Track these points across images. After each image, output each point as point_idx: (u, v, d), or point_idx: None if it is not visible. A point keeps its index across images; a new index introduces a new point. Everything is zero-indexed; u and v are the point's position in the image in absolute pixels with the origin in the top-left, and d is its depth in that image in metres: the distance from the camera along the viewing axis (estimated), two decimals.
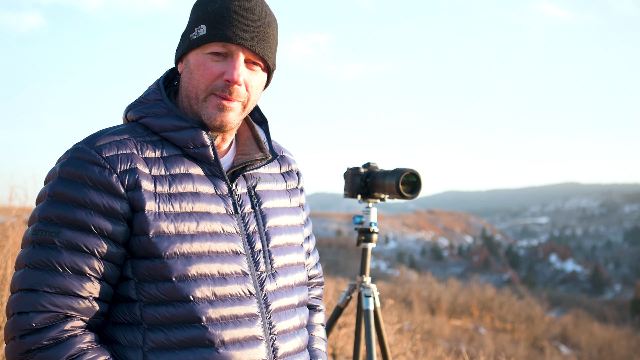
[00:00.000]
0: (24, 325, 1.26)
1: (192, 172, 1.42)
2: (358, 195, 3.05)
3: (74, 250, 1.30)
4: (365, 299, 3.04)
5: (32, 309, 1.27)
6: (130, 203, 1.33)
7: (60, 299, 1.28)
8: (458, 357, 8.13)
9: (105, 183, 1.32)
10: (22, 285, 1.29)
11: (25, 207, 4.98)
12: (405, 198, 2.76)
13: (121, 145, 1.36)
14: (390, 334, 5.28)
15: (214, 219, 1.40)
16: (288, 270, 1.53)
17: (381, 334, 3.08)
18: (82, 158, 1.33)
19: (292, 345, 1.50)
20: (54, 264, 1.28)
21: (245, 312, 1.40)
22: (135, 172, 1.34)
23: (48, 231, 1.30)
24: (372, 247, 3.11)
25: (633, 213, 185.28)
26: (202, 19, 1.42)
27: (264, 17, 1.44)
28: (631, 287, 62.61)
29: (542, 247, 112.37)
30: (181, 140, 1.42)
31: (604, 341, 15.51)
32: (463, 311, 16.51)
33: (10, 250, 4.56)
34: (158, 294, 1.33)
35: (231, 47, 1.40)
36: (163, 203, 1.35)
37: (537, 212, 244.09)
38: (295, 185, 1.67)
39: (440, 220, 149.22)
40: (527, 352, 12.81)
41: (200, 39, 1.41)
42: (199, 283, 1.35)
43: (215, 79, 1.41)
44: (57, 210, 1.30)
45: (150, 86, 1.51)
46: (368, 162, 3.07)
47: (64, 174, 1.32)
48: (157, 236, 1.33)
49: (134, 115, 1.45)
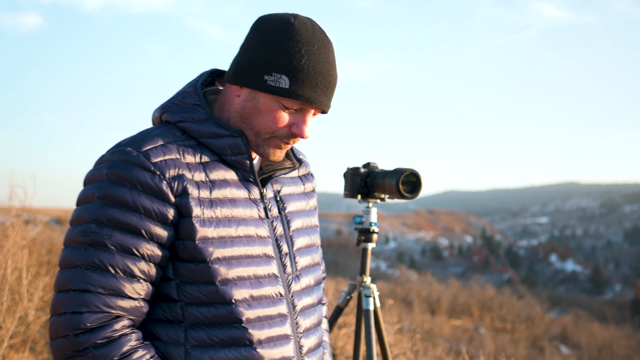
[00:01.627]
0: (79, 325, 1.31)
1: (228, 177, 1.46)
2: (358, 195, 3.04)
3: (126, 253, 1.34)
4: (365, 298, 3.03)
5: (87, 309, 1.31)
6: (178, 209, 1.37)
7: (112, 300, 1.33)
8: (458, 357, 8.13)
9: (156, 189, 1.35)
10: (75, 286, 1.32)
11: (25, 207, 4.97)
12: (405, 198, 2.75)
13: (167, 150, 1.39)
14: (390, 334, 5.28)
15: (249, 223, 1.46)
16: (309, 271, 1.60)
17: (381, 334, 3.08)
18: (130, 162, 1.35)
19: (313, 342, 1.57)
20: (106, 266, 1.32)
21: (277, 313, 1.47)
22: (182, 178, 1.38)
23: (100, 233, 1.33)
24: (372, 247, 3.11)
25: (633, 213, 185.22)
26: (286, 69, 1.41)
27: (336, 75, 1.49)
28: (631, 287, 62.59)
29: (542, 247, 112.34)
30: (219, 148, 1.45)
31: (604, 341, 15.51)
32: (463, 311, 16.50)
33: (10, 250, 4.55)
34: (200, 296, 1.38)
35: (308, 106, 1.46)
36: (206, 209, 1.39)
37: (537, 212, 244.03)
38: (312, 187, 1.74)
39: (440, 220, 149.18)
40: (527, 352, 12.81)
41: (281, 91, 1.42)
42: (239, 286, 1.41)
43: (283, 128, 1.46)
44: (108, 213, 1.33)
45: (186, 89, 1.52)
46: (368, 162, 3.07)
47: (113, 177, 1.35)
48: (203, 242, 1.38)
49: (170, 118, 1.47)
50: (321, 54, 1.44)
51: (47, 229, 9.45)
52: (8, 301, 4.49)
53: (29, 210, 5.10)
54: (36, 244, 7.09)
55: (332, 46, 1.49)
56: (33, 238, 5.79)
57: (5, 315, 4.42)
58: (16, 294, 4.73)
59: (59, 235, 9.34)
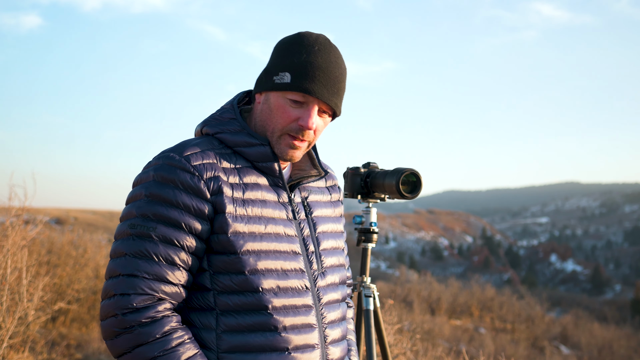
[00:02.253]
0: (126, 305, 1.47)
1: (259, 182, 1.65)
2: (358, 195, 3.04)
3: (168, 244, 1.51)
4: (365, 298, 3.03)
5: (133, 291, 1.48)
6: (214, 206, 1.55)
7: (156, 284, 1.49)
8: (458, 357, 8.13)
9: (195, 188, 1.54)
10: (124, 271, 1.49)
11: (25, 207, 4.96)
12: (405, 198, 2.75)
13: (205, 156, 1.58)
14: (390, 334, 5.27)
15: (278, 222, 1.63)
16: (334, 270, 1.76)
17: (381, 334, 3.08)
18: (174, 165, 1.55)
19: (337, 334, 1.72)
20: (151, 254, 1.50)
21: (303, 303, 1.61)
22: (218, 179, 1.57)
23: (146, 226, 1.51)
24: (372, 247, 3.11)
25: (633, 213, 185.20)
26: (288, 67, 1.62)
27: (340, 72, 1.66)
28: (631, 287, 62.60)
29: (542, 247, 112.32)
30: (252, 155, 1.64)
31: (604, 341, 15.48)
32: (463, 311, 16.49)
33: (10, 250, 4.55)
34: (231, 285, 1.54)
35: (309, 98, 1.62)
36: (239, 207, 1.57)
37: (537, 212, 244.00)
38: (338, 198, 1.91)
39: (440, 220, 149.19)
40: (527, 352, 12.80)
41: (284, 85, 1.62)
42: (266, 276, 1.56)
43: (290, 122, 1.63)
44: (153, 209, 1.52)
45: (225, 106, 1.74)
46: (368, 162, 3.07)
47: (159, 177, 1.54)
48: (234, 235, 1.55)
49: (210, 130, 1.68)
50: (321, 54, 1.63)
51: (47, 229, 9.45)
52: (8, 301, 4.49)
53: (29, 210, 5.09)
54: (36, 244, 7.09)
55: (336, 51, 1.68)
56: (33, 238, 5.78)
57: (5, 315, 4.42)
58: (16, 294, 4.73)
59: (59, 235, 9.33)
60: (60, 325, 7.06)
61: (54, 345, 5.95)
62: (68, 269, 7.34)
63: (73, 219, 40.07)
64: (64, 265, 7.44)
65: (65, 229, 12.65)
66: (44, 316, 5.55)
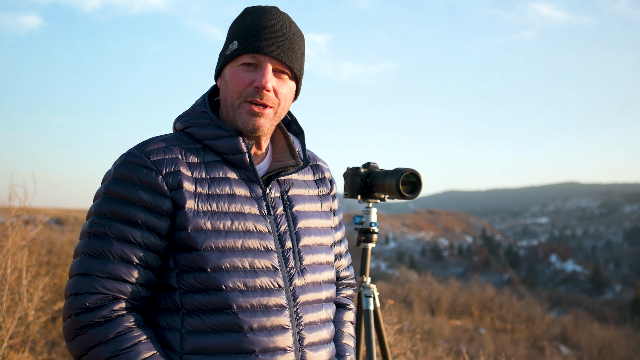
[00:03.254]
0: (79, 305, 1.43)
1: (229, 176, 1.58)
2: (358, 195, 3.04)
3: (123, 241, 1.47)
4: (365, 299, 3.03)
5: (86, 290, 1.44)
6: (173, 201, 1.50)
7: (110, 283, 1.45)
8: (458, 357, 8.12)
9: (152, 183, 1.49)
10: (79, 270, 1.46)
11: (25, 207, 4.96)
12: (405, 198, 2.75)
13: (167, 151, 1.54)
14: (390, 334, 5.27)
15: (248, 218, 1.56)
16: (316, 268, 1.66)
17: (381, 334, 3.07)
18: (133, 161, 1.51)
19: (318, 337, 1.62)
20: (105, 253, 1.46)
21: (274, 303, 1.53)
22: (178, 174, 1.51)
23: (102, 224, 1.48)
24: (372, 247, 3.11)
25: (633, 213, 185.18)
26: (235, 35, 1.60)
27: (289, 30, 1.61)
28: (631, 287, 62.57)
29: (542, 247, 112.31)
30: (221, 148, 1.58)
31: (604, 341, 15.49)
32: (463, 311, 16.49)
33: (10, 250, 4.55)
34: (195, 283, 1.49)
35: (260, 57, 1.57)
36: (202, 202, 1.52)
37: (537, 212, 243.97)
38: (327, 191, 1.81)
39: (440, 220, 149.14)
40: (527, 352, 12.80)
41: (233, 52, 1.59)
42: (231, 274, 1.50)
43: (246, 87, 1.57)
44: (110, 206, 1.48)
45: (197, 100, 1.69)
46: (368, 162, 3.07)
47: (118, 175, 1.51)
48: (195, 231, 1.49)
49: (180, 125, 1.64)
50: (267, 15, 1.60)
51: (47, 229, 9.45)
52: (8, 301, 4.49)
53: (29, 210, 5.09)
54: (36, 244, 7.08)
55: (285, 15, 1.64)
56: (33, 238, 5.78)
57: (5, 316, 4.42)
58: (16, 294, 4.73)
59: (59, 235, 9.33)
60: (60, 325, 7.05)
61: (54, 346, 5.95)
62: (68, 269, 7.33)
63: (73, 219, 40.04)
64: (64, 265, 7.44)
65: (65, 229, 12.65)
66: (44, 316, 5.54)
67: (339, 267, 1.86)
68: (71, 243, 8.26)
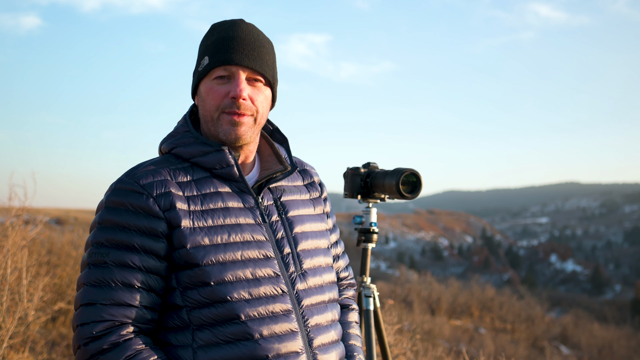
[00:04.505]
0: (87, 335, 1.45)
1: (220, 190, 1.60)
2: (358, 195, 3.04)
3: (123, 267, 1.49)
4: (365, 299, 3.03)
5: (92, 319, 1.46)
6: (167, 222, 1.52)
7: (115, 309, 1.47)
8: (458, 357, 8.12)
9: (144, 207, 1.51)
10: (83, 301, 1.48)
11: (25, 207, 4.96)
12: (405, 198, 2.75)
13: (156, 174, 1.56)
14: (390, 334, 5.27)
15: (244, 229, 1.58)
16: (317, 271, 1.68)
17: (381, 334, 3.07)
18: (123, 188, 1.54)
19: (327, 338, 1.64)
20: (107, 280, 1.48)
21: (280, 309, 1.56)
22: (169, 195, 1.53)
23: (100, 253, 1.50)
24: (372, 247, 3.11)
25: (633, 213, 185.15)
26: (205, 51, 1.63)
27: (257, 39, 1.64)
28: (631, 287, 62.56)
29: (542, 247, 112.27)
30: (208, 163, 1.61)
31: (604, 341, 15.48)
32: (463, 311, 16.48)
33: (10, 250, 4.54)
34: (200, 298, 1.51)
35: (232, 68, 1.60)
36: (197, 219, 1.54)
37: (537, 212, 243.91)
38: (318, 195, 1.84)
39: (440, 220, 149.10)
40: (527, 352, 12.79)
41: (205, 68, 1.62)
42: (235, 285, 1.52)
43: (222, 99, 1.60)
44: (106, 235, 1.51)
45: (179, 121, 1.71)
46: (368, 162, 3.06)
47: (110, 203, 1.53)
48: (194, 247, 1.51)
49: (166, 148, 1.66)
50: (232, 29, 1.63)
51: (47, 229, 9.44)
52: (8, 301, 4.49)
53: (29, 210, 5.09)
54: (36, 244, 7.08)
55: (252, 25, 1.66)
56: (33, 238, 5.78)
57: (5, 316, 4.42)
58: (16, 294, 4.73)
59: (59, 235, 9.33)
60: (60, 325, 7.05)
61: (54, 346, 5.95)
62: (68, 269, 7.33)
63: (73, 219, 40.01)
64: (64, 265, 7.43)
65: (65, 229, 12.65)
66: (44, 316, 5.54)
67: (337, 269, 1.88)
68: (71, 243, 8.25)
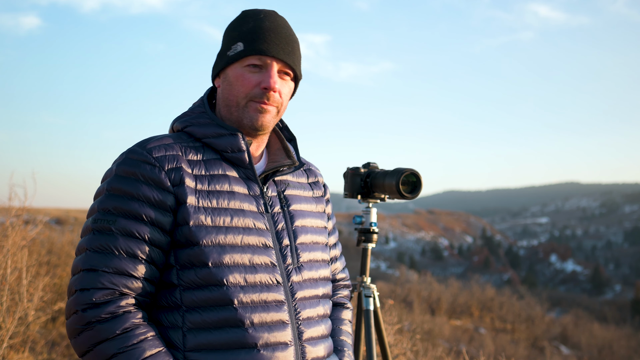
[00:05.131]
0: (86, 301, 1.43)
1: (228, 173, 1.61)
2: (358, 195, 3.04)
3: (128, 237, 1.48)
4: (365, 299, 3.03)
5: (93, 286, 1.44)
6: (175, 197, 1.52)
7: (117, 278, 1.45)
8: (458, 357, 8.12)
9: (155, 179, 1.51)
10: (84, 266, 1.46)
11: (25, 207, 4.96)
12: (405, 198, 2.75)
13: (168, 148, 1.56)
14: (390, 334, 5.27)
15: (247, 215, 1.58)
16: (313, 265, 1.70)
17: (381, 334, 3.07)
18: (135, 158, 1.53)
19: (317, 332, 1.65)
20: (111, 248, 1.47)
21: (273, 299, 1.56)
22: (180, 170, 1.54)
23: (106, 220, 1.49)
24: (372, 247, 3.11)
25: (633, 213, 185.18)
26: (239, 37, 1.64)
27: (290, 33, 1.67)
28: (631, 287, 62.56)
29: (542, 247, 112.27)
30: (221, 145, 1.62)
31: (604, 341, 15.47)
32: (463, 311, 16.48)
33: (10, 250, 4.54)
34: (196, 279, 1.50)
35: (266, 59, 1.62)
36: (202, 198, 1.54)
37: (537, 212, 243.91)
38: (321, 194, 1.87)
39: (440, 220, 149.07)
40: (527, 352, 12.79)
41: (239, 54, 1.62)
42: (232, 270, 1.52)
43: (253, 87, 1.61)
44: (114, 202, 1.50)
45: (195, 102, 1.73)
46: (368, 162, 3.06)
47: (120, 171, 1.52)
48: (196, 226, 1.51)
49: (179, 125, 1.67)
50: (269, 19, 1.65)
51: (47, 229, 9.44)
52: (8, 301, 4.49)
53: (29, 210, 5.09)
54: (36, 244, 7.08)
55: (283, 18, 1.69)
56: (33, 238, 5.78)
57: (5, 315, 4.42)
58: (16, 294, 4.73)
59: (59, 235, 9.33)
60: (60, 325, 7.05)
61: (54, 346, 5.95)
62: (68, 269, 7.33)
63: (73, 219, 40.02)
64: (64, 265, 7.44)
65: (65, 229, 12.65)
66: (44, 316, 5.54)
67: (335, 270, 1.90)
68: (71, 243, 8.25)
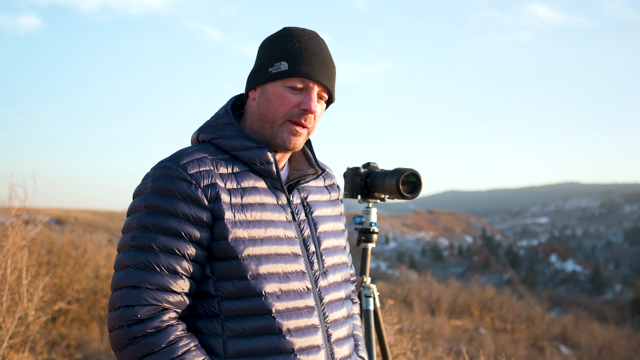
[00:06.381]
0: (131, 317, 1.49)
1: (257, 185, 1.65)
2: (358, 195, 3.04)
3: (169, 253, 1.53)
4: (365, 299, 3.03)
5: (137, 302, 1.49)
6: (212, 213, 1.56)
7: (159, 294, 1.51)
8: (458, 357, 8.12)
9: (193, 196, 1.55)
10: (127, 283, 1.51)
11: (25, 207, 4.95)
12: (405, 198, 2.75)
13: (201, 163, 1.59)
14: (390, 334, 5.27)
15: (278, 225, 1.64)
16: (336, 269, 1.76)
17: (381, 334, 3.07)
18: (171, 175, 1.56)
19: (342, 333, 1.73)
20: (153, 265, 1.52)
21: (305, 305, 1.62)
22: (215, 186, 1.58)
23: (146, 237, 1.53)
24: (372, 247, 3.11)
25: (633, 213, 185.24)
26: (283, 56, 1.66)
27: (331, 58, 1.72)
28: (631, 287, 62.57)
29: (542, 247, 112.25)
30: (249, 158, 1.65)
31: (604, 341, 15.47)
32: (463, 311, 16.48)
33: (10, 250, 4.54)
34: (234, 290, 1.56)
35: (309, 82, 1.66)
36: (238, 212, 1.58)
37: (537, 212, 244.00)
38: (337, 196, 1.92)
39: (440, 220, 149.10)
40: (527, 352, 12.79)
41: (282, 73, 1.65)
42: (268, 280, 1.58)
43: (292, 108, 1.65)
44: (153, 220, 1.53)
45: (218, 112, 1.75)
46: (368, 162, 3.06)
47: (157, 188, 1.56)
48: (234, 241, 1.56)
49: (206, 137, 1.69)
50: (312, 42, 1.69)
51: (47, 229, 9.45)
52: (8, 301, 4.49)
53: (29, 210, 5.08)
54: (36, 244, 7.08)
55: (324, 41, 1.73)
56: (33, 238, 5.78)
57: (5, 315, 4.42)
58: (16, 294, 4.73)
59: (59, 235, 9.33)
60: (60, 325, 7.06)
61: (54, 346, 5.96)
62: (68, 269, 7.34)
63: (73, 219, 40.03)
64: (64, 265, 7.44)
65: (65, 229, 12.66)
66: (44, 316, 5.54)
67: None
68: (71, 243, 8.25)
